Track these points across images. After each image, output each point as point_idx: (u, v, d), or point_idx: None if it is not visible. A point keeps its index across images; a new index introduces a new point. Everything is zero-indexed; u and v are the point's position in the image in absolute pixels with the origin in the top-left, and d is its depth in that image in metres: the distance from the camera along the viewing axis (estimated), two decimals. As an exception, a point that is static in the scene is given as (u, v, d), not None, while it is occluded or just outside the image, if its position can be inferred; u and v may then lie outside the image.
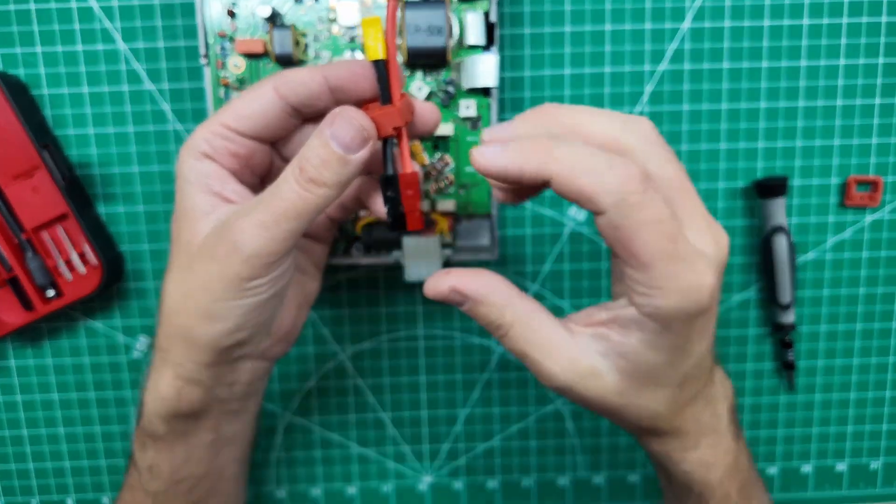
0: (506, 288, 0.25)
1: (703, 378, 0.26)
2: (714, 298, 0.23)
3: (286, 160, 0.29)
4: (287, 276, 0.27)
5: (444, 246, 0.36)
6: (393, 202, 0.26)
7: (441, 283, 0.25)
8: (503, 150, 0.22)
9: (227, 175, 0.27)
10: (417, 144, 0.35)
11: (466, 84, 0.34)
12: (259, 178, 0.29)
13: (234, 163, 0.27)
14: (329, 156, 0.23)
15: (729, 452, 0.28)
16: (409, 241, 0.35)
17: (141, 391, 0.29)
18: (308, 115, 0.27)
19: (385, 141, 0.26)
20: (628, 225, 0.21)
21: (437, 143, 0.36)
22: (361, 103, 0.26)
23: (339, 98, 0.26)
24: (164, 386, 0.27)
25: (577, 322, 0.25)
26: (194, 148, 0.26)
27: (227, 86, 0.34)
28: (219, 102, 0.34)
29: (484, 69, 0.33)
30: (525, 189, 0.25)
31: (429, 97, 0.35)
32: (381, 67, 0.24)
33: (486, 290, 0.25)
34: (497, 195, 0.26)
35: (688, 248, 0.22)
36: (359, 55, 0.34)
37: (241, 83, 0.34)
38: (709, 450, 0.28)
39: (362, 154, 0.24)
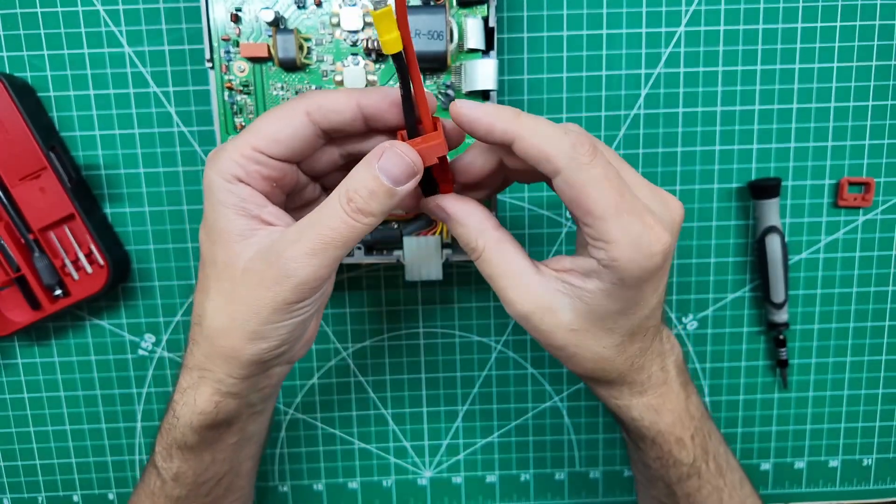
0: (483, 217, 0.27)
1: (651, 332, 0.28)
2: (665, 254, 0.25)
3: (308, 175, 0.30)
4: (326, 293, 0.28)
5: (444, 246, 0.37)
6: (426, 175, 0.27)
7: (431, 201, 0.28)
8: (480, 105, 0.25)
9: (262, 197, 0.26)
10: None
11: (466, 87, 0.35)
12: (286, 194, 0.29)
13: (267, 185, 0.27)
14: (378, 188, 0.24)
15: (678, 400, 0.30)
16: (409, 242, 0.36)
17: (170, 406, 0.30)
18: (336, 138, 0.28)
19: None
20: (581, 181, 0.24)
21: None
22: (395, 131, 0.27)
23: (371, 125, 0.27)
24: (203, 402, 0.28)
25: (546, 265, 0.28)
26: (226, 171, 0.25)
27: (231, 89, 0.35)
28: (224, 105, 0.35)
29: (483, 73, 0.34)
30: (487, 181, 0.28)
31: None
32: (401, 60, 0.23)
33: (463, 213, 0.27)
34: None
35: (635, 203, 0.24)
36: (362, 60, 0.35)
37: (246, 86, 0.35)
38: (656, 398, 0.30)
39: (409, 185, 0.25)
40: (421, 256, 0.36)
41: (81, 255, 0.39)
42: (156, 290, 0.42)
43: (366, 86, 0.35)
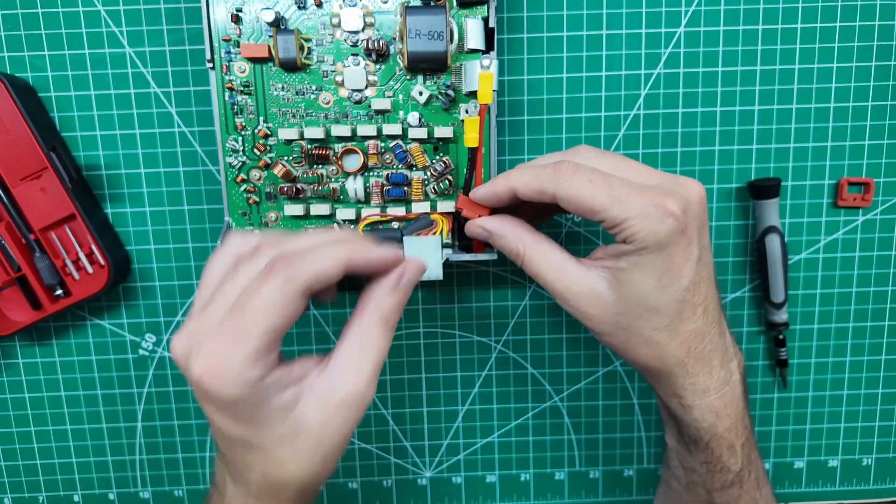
0: (517, 226, 0.31)
1: (700, 312, 0.29)
2: (676, 217, 0.27)
3: None
4: None
5: (444, 246, 0.37)
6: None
7: (472, 223, 0.33)
8: (484, 187, 0.32)
9: (284, 364, 0.28)
10: (418, 147, 0.36)
11: (466, 87, 0.35)
12: None
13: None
14: (403, 300, 0.30)
15: (738, 407, 0.31)
16: (410, 242, 0.36)
17: None
18: None
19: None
20: (572, 193, 0.28)
21: (438, 145, 0.36)
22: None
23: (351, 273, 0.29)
24: None
25: (586, 257, 0.31)
26: (244, 384, 0.25)
27: (232, 90, 0.35)
28: (224, 106, 0.35)
29: None
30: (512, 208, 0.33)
31: (428, 101, 0.36)
32: (474, 153, 0.33)
33: (500, 226, 0.32)
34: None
35: (631, 187, 0.27)
36: (362, 61, 0.35)
37: (247, 86, 0.35)
38: (718, 399, 0.31)
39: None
40: (421, 256, 0.36)
41: (82, 255, 0.39)
42: (156, 289, 0.42)
43: (366, 87, 0.35)
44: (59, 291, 0.39)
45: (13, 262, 0.38)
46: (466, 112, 0.36)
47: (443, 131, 0.36)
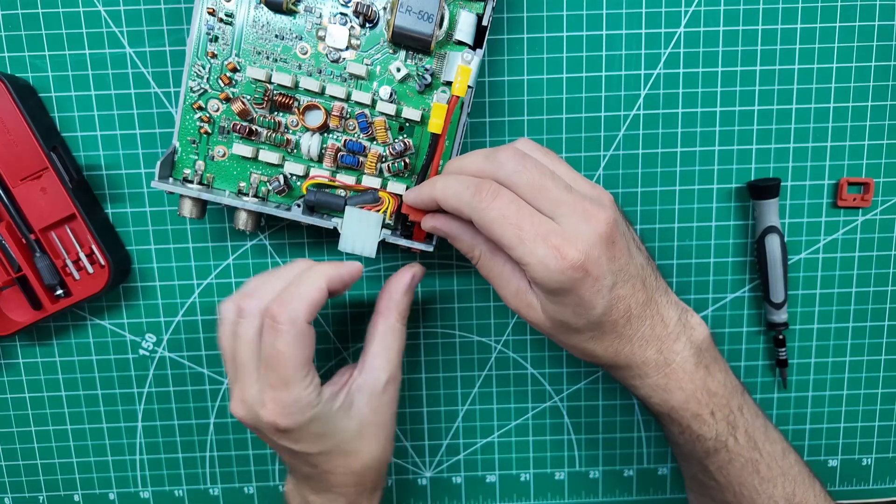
0: (473, 230, 0.32)
1: (622, 324, 0.31)
2: (575, 266, 0.28)
3: None
4: None
5: (385, 227, 0.36)
6: (406, 223, 0.37)
7: (428, 220, 0.34)
8: (414, 191, 0.33)
9: (324, 387, 0.34)
10: (383, 121, 0.35)
11: (445, 77, 0.34)
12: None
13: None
14: (412, 298, 0.37)
15: (692, 379, 0.32)
16: (351, 212, 0.35)
17: None
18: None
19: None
20: (485, 222, 0.29)
21: (404, 126, 0.36)
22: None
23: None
24: None
25: None
26: (304, 407, 0.32)
27: (213, 14, 0.34)
28: (200, 29, 0.34)
29: None
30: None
31: (405, 79, 0.35)
32: (436, 140, 0.33)
33: (458, 230, 0.33)
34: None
35: (539, 228, 0.28)
36: (349, 21, 0.34)
37: (229, 16, 0.34)
38: (661, 378, 0.32)
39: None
40: (359, 229, 0.35)
41: (82, 255, 0.39)
42: (157, 290, 0.42)
43: (346, 48, 0.35)
44: (60, 291, 0.39)
45: (13, 262, 0.38)
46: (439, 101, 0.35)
47: (412, 113, 0.35)
